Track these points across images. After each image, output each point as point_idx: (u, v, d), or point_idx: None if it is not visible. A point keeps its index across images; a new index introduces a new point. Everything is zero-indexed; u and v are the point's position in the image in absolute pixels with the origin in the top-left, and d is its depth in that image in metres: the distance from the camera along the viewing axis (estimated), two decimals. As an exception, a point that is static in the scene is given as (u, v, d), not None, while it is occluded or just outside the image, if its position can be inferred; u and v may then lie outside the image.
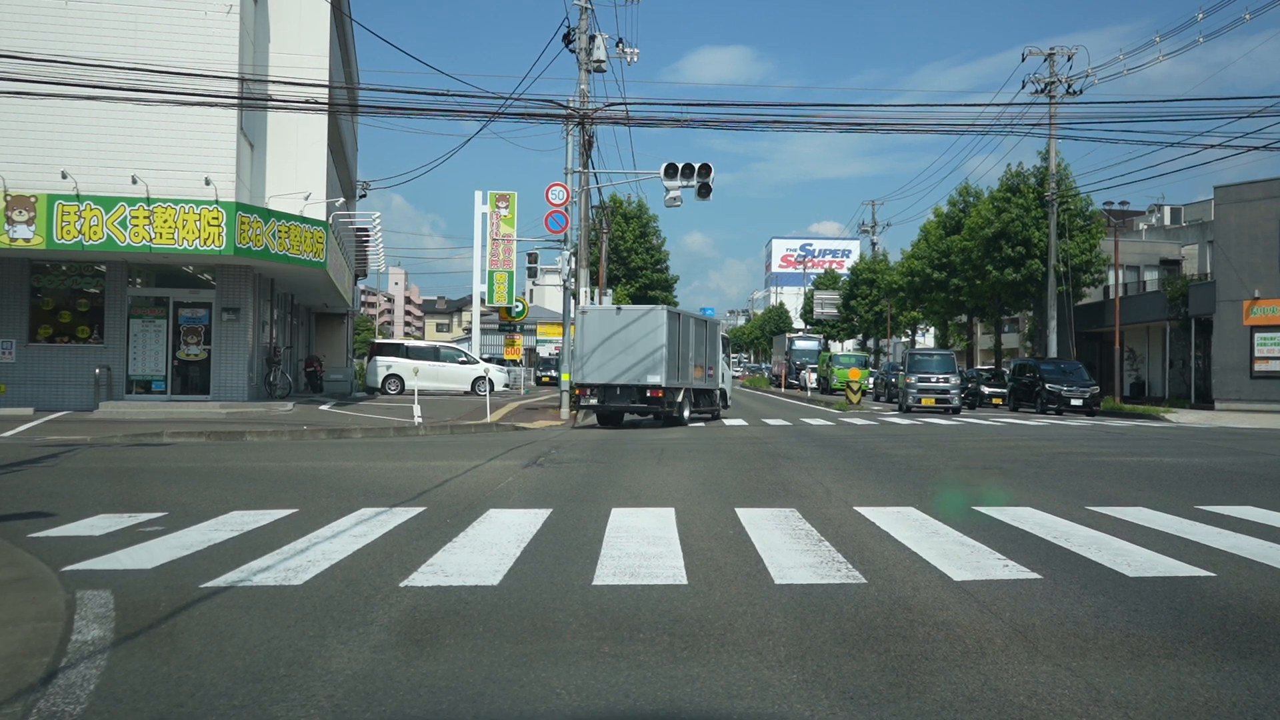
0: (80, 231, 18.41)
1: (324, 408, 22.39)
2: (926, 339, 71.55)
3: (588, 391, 20.47)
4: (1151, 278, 43.72)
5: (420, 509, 7.62)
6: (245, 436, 16.30)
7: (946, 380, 26.96)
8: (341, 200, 21.76)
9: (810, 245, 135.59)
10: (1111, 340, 41.34)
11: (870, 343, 69.10)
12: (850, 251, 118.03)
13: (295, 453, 13.03)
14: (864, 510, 7.73)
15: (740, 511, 7.61)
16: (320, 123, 21.79)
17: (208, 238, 18.85)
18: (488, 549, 6.01)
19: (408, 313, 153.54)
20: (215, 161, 19.15)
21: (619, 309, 21.75)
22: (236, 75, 18.86)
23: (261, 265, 21.09)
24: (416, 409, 19.20)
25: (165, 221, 18.73)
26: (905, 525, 7.01)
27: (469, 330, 79.82)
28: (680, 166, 23.59)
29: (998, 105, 40.30)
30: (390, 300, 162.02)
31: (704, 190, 23.67)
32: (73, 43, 18.10)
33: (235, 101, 18.75)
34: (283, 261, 20.32)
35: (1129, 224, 52.10)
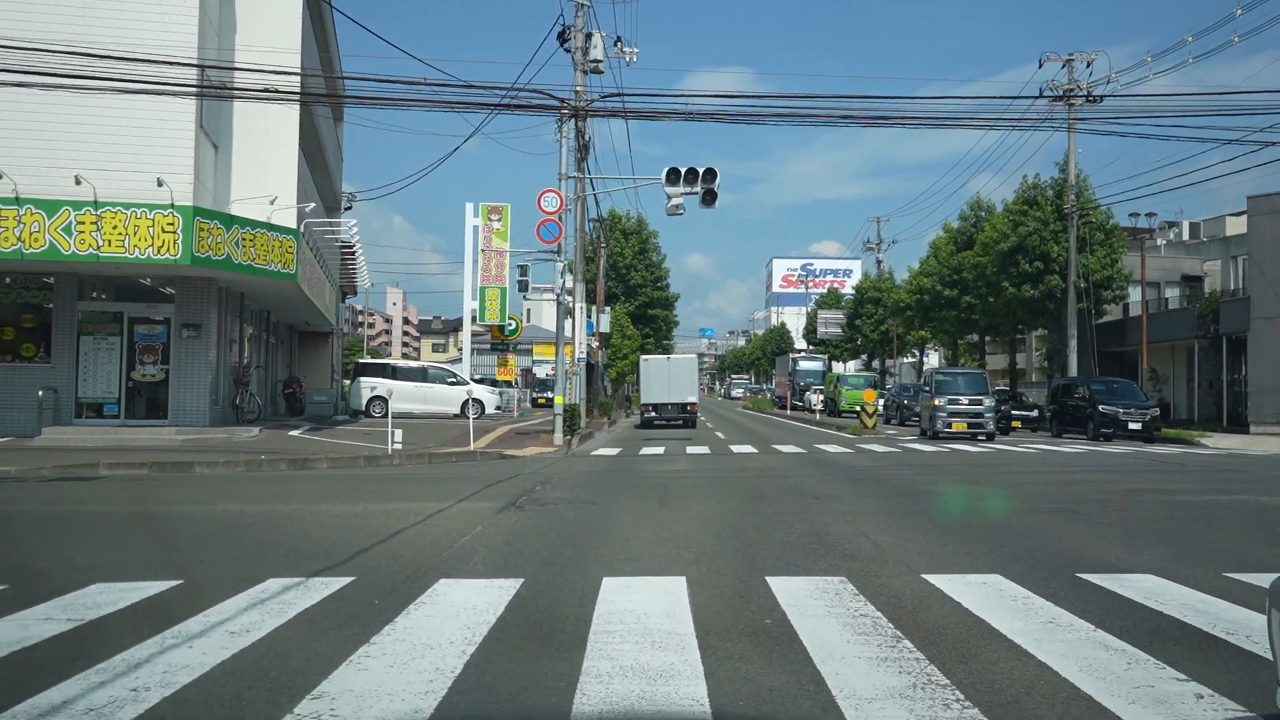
0: (20, 238, 16.56)
1: (295, 433, 20.49)
2: (931, 359, 69.64)
3: (650, 408, 31.68)
4: (1173, 294, 41.90)
5: (346, 580, 5.71)
6: (194, 468, 14.40)
7: (979, 402, 24.41)
8: (313, 205, 19.95)
9: (811, 265, 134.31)
10: (1133, 360, 39.45)
11: (875, 363, 67.27)
12: (852, 271, 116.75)
13: (234, 490, 11.13)
14: (937, 580, 5.83)
15: (774, 583, 5.72)
16: (290, 119, 19.97)
17: (162, 245, 17.01)
18: (418, 657, 4.12)
19: (405, 333, 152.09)
20: (170, 161, 17.33)
21: (668, 358, 33.33)
22: (195, 61, 17.07)
23: (226, 277, 19.26)
24: (391, 435, 17.30)
25: (114, 227, 16.89)
26: (1004, 607, 5.11)
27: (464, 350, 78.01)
28: (683, 171, 21.83)
29: (1015, 99, 38.52)
30: (388, 321, 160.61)
31: (709, 197, 21.88)
32: (11, 25, 16.33)
33: (193, 89, 16.96)
34: (247, 273, 18.48)
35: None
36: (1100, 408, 25.27)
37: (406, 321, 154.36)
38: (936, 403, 24.34)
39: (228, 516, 8.61)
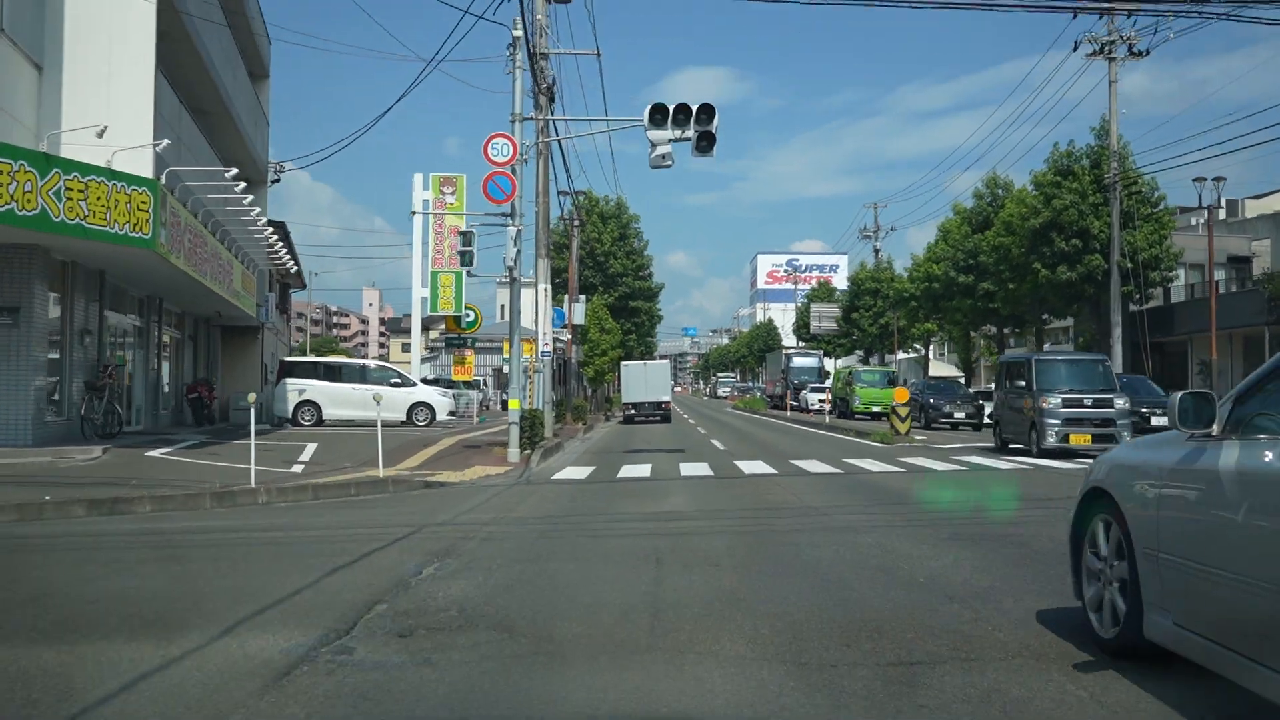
0: None
1: (158, 452, 15.33)
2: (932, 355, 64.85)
3: (630, 407, 35.51)
4: (1219, 276, 37.25)
5: None
6: (-73, 519, 9.29)
7: (1108, 403, 16.47)
8: (166, 142, 14.78)
9: (797, 260, 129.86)
10: (1178, 351, 34.91)
11: (873, 359, 62.51)
12: (838, 266, 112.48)
13: None
14: None
15: None
16: (144, 25, 14.76)
17: (-64, 194, 11.91)
18: None
19: (382, 334, 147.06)
20: (-52, 75, 12.23)
21: (645, 363, 38.35)
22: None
23: (60, 244, 14.22)
24: (255, 458, 12.24)
25: None
26: None
27: (433, 349, 72.39)
28: (671, 109, 16.79)
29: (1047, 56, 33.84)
30: (364, 322, 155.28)
31: (704, 141, 16.73)
32: None
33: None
34: (78, 235, 13.38)
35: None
36: None
37: (382, 322, 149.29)
38: (1045, 404, 16.50)
39: None
